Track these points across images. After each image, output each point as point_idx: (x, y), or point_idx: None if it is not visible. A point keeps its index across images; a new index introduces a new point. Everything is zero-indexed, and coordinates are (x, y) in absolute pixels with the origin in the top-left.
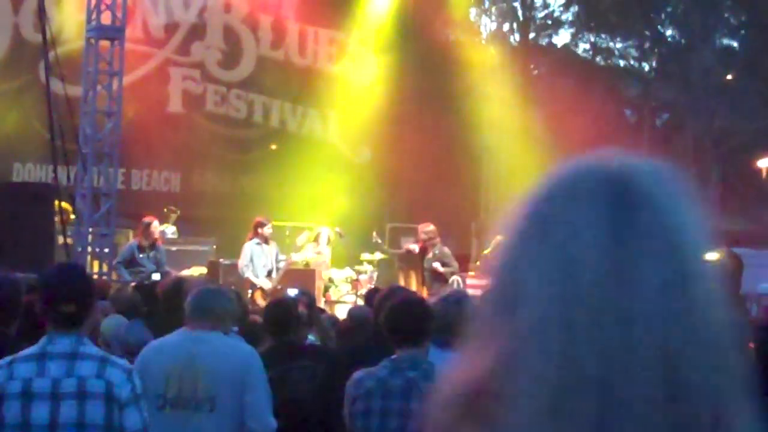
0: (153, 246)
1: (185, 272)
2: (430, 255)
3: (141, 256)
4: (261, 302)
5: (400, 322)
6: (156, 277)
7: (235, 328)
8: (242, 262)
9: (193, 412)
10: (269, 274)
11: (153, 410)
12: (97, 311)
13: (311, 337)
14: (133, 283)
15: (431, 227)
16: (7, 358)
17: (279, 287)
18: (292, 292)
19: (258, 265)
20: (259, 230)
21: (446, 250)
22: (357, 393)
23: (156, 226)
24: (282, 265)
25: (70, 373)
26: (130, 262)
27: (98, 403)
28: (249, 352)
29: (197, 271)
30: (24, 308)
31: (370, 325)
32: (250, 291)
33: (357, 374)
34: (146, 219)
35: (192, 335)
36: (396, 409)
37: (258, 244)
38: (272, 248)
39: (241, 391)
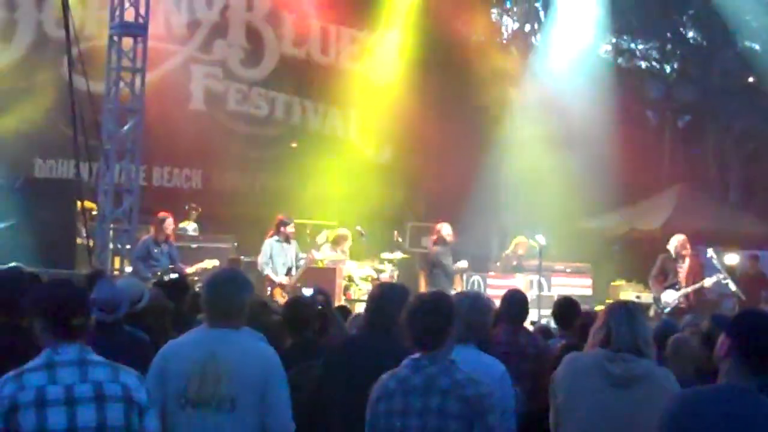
0: (167, 241)
1: (199, 265)
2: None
3: (156, 251)
4: (280, 300)
5: (417, 323)
6: (170, 274)
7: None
8: (262, 259)
9: (214, 412)
10: (288, 272)
11: (174, 409)
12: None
13: None
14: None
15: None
16: (12, 372)
17: (298, 285)
18: (308, 291)
19: (277, 262)
20: (281, 228)
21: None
22: (380, 394)
23: (170, 223)
24: (302, 263)
25: (84, 378)
26: (146, 258)
27: (118, 405)
28: (270, 352)
29: (210, 263)
30: None
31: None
32: (269, 288)
33: (383, 376)
34: (161, 214)
35: (212, 333)
36: (417, 406)
37: (278, 241)
38: (293, 247)
39: (262, 391)
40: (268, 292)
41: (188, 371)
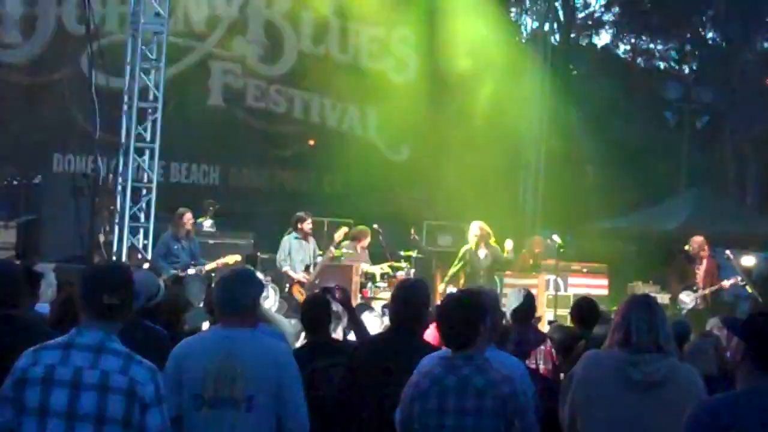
0: (187, 236)
1: (220, 260)
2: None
3: (176, 247)
4: (299, 297)
5: (449, 321)
6: (191, 270)
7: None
8: (280, 255)
9: (230, 412)
10: (307, 269)
11: (191, 410)
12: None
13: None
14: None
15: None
16: (35, 346)
17: (317, 281)
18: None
19: (296, 259)
20: (299, 225)
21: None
22: (414, 394)
23: (189, 218)
24: (320, 260)
25: (95, 365)
26: (166, 254)
27: (119, 398)
28: (285, 351)
29: (232, 258)
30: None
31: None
32: (287, 285)
33: (414, 376)
34: (180, 210)
35: (227, 333)
36: (452, 406)
37: (297, 238)
38: (311, 243)
39: (278, 390)
40: (287, 289)
41: (204, 372)
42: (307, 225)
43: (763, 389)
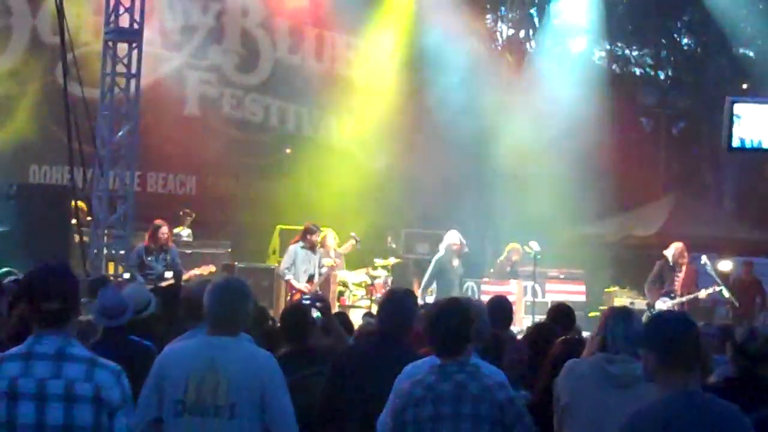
0: (162, 248)
1: (195, 271)
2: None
3: (149, 258)
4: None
5: (441, 329)
6: (168, 276)
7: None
8: (284, 264)
9: (213, 419)
10: (310, 279)
11: (171, 416)
12: (80, 310)
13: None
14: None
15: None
16: None
17: (319, 292)
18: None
19: (300, 269)
20: (308, 236)
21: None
22: (406, 402)
23: (164, 231)
24: (324, 271)
25: (57, 374)
26: (140, 266)
27: (86, 406)
28: (269, 359)
29: (206, 269)
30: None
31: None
32: (289, 294)
33: (404, 384)
34: (156, 222)
35: (210, 341)
36: (448, 413)
37: (303, 248)
38: (317, 255)
39: (261, 398)
40: (289, 298)
41: (186, 378)
42: (316, 237)
43: (689, 391)
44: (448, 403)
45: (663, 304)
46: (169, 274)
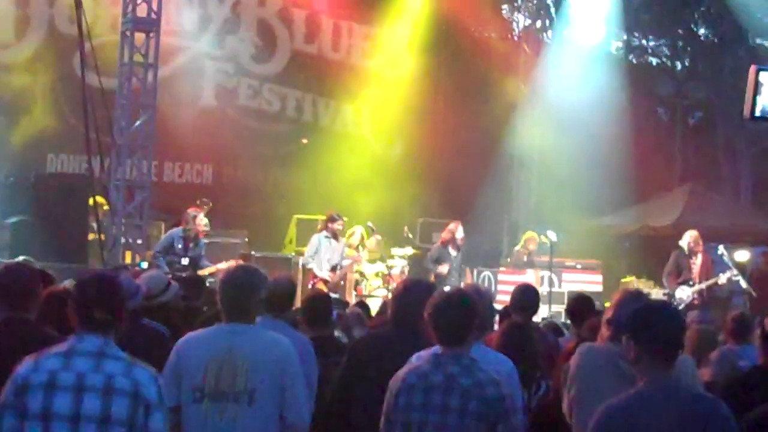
0: (195, 238)
1: (220, 265)
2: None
3: (180, 246)
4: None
5: (442, 318)
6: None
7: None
8: (308, 253)
9: (232, 405)
10: (333, 269)
11: (189, 402)
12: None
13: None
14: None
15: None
16: (35, 354)
17: (342, 282)
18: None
19: (323, 258)
20: (330, 224)
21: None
22: (400, 387)
23: (201, 219)
24: (346, 262)
25: (97, 369)
26: (167, 250)
27: (124, 400)
28: (287, 345)
29: (226, 266)
30: (47, 297)
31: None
32: (312, 282)
33: (401, 371)
34: (192, 210)
35: (229, 328)
36: (436, 403)
37: (327, 237)
38: (341, 244)
39: (280, 384)
40: (311, 286)
41: (205, 365)
42: (338, 225)
43: (663, 383)
44: (438, 394)
45: (682, 293)
46: (185, 260)
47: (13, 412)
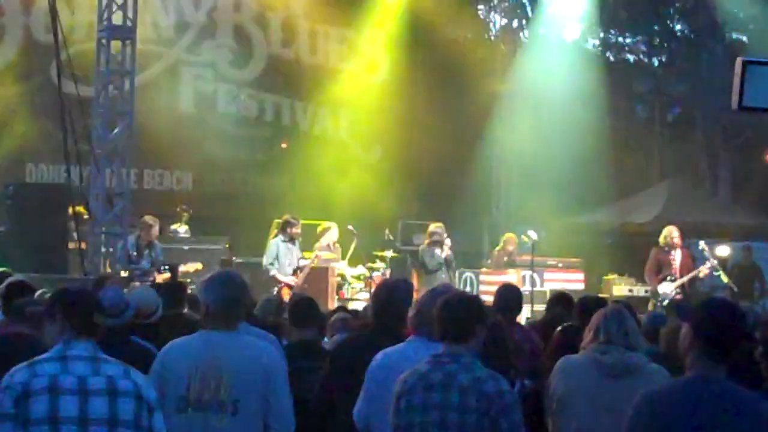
0: (149, 245)
1: (181, 267)
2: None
3: (135, 254)
4: (288, 300)
5: (444, 318)
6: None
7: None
8: (267, 259)
9: (215, 414)
10: (295, 272)
11: (173, 412)
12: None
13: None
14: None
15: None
16: (26, 362)
17: (305, 285)
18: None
19: (284, 262)
20: (288, 228)
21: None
22: (401, 390)
23: (156, 229)
24: (303, 263)
25: (97, 372)
26: (126, 261)
27: (129, 400)
28: (271, 353)
29: (193, 266)
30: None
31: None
32: (276, 288)
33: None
34: (147, 219)
35: (212, 336)
36: (436, 402)
37: (284, 241)
38: (296, 247)
39: (264, 393)
40: (276, 292)
41: (188, 374)
42: (296, 229)
43: (705, 376)
44: (438, 392)
45: (666, 289)
46: (164, 267)
47: (11, 422)
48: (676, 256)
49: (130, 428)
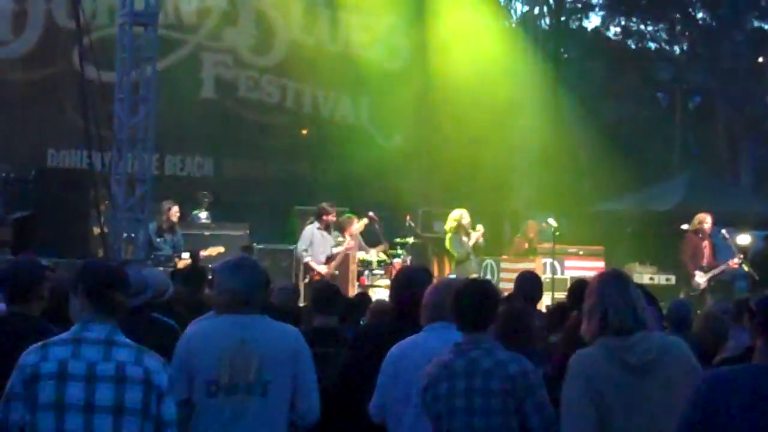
0: (171, 229)
1: (203, 252)
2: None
3: (159, 240)
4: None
5: (463, 305)
6: (185, 256)
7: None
8: (301, 246)
9: (245, 397)
10: (328, 260)
11: (204, 397)
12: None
13: None
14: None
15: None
16: (40, 342)
17: (336, 273)
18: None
19: (318, 251)
20: (323, 216)
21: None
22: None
23: (175, 211)
24: (335, 251)
25: (107, 357)
26: (149, 246)
27: (137, 388)
28: (298, 335)
29: (215, 250)
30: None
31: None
32: (307, 276)
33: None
34: (165, 202)
35: (238, 320)
36: (461, 388)
37: (319, 229)
38: (332, 236)
39: (292, 374)
40: (306, 280)
41: (218, 359)
42: (332, 217)
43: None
44: (461, 379)
45: (700, 279)
46: (185, 254)
47: (21, 403)
48: (708, 245)
49: (136, 416)
